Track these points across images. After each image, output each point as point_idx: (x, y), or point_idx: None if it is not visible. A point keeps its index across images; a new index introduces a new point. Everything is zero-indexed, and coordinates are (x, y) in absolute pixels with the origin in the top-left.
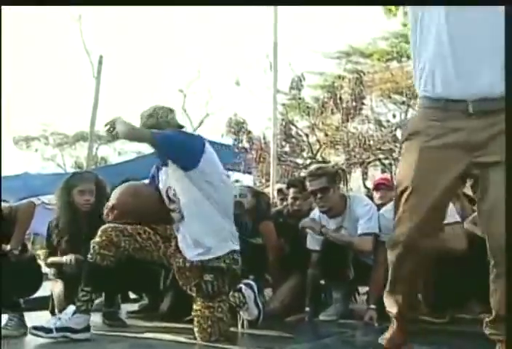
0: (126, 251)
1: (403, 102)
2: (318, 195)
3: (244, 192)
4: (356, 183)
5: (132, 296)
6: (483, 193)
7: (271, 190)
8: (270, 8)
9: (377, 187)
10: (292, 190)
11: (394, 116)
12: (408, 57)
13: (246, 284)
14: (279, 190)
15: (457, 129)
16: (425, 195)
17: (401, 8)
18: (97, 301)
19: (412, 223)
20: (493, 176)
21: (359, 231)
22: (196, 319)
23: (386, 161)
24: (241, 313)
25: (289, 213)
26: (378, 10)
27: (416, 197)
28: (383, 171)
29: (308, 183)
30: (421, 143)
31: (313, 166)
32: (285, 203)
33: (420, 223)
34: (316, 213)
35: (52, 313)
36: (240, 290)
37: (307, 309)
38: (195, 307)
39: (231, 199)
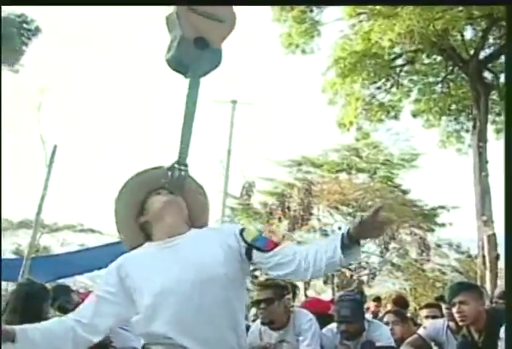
0: None
1: (349, 214)
2: (262, 306)
3: None
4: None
5: None
6: None
7: None
8: (228, 114)
9: None
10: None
11: (339, 228)
12: (357, 170)
13: None
14: None
15: None
16: None
17: (354, 124)
18: None
19: None
20: None
21: None
22: None
23: None
24: None
25: None
26: (332, 124)
27: None
28: (324, 282)
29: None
30: None
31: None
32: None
33: None
34: (257, 324)
35: None
36: None
37: None
38: None
39: None
